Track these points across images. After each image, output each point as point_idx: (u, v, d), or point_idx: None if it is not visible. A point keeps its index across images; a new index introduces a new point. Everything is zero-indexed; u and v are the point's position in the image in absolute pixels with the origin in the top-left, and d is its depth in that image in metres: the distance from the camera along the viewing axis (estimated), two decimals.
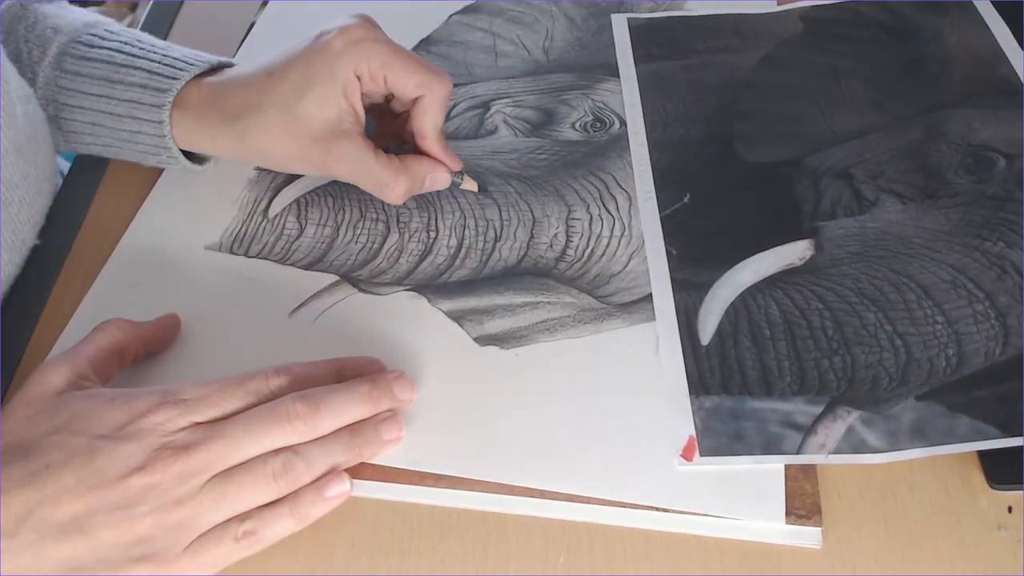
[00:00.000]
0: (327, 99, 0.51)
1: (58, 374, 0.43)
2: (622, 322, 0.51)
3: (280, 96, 0.52)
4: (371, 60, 0.51)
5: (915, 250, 0.51)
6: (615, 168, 0.59)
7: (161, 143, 0.55)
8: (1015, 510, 0.43)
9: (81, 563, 0.39)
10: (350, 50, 0.51)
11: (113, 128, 0.55)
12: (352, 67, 0.51)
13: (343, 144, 0.52)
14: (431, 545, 0.43)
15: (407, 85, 0.53)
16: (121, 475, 0.39)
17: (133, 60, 0.55)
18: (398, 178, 0.53)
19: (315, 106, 0.51)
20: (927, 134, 0.58)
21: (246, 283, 0.54)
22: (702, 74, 0.65)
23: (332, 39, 0.51)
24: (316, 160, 0.53)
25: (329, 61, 0.51)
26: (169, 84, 0.54)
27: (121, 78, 0.54)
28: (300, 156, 0.53)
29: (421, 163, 0.54)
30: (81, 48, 0.55)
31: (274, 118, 0.52)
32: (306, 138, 0.52)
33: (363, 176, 0.53)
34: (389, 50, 0.52)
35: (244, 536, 0.41)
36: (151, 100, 0.54)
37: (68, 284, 0.56)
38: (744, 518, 0.43)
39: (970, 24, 0.65)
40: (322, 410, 0.43)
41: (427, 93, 0.53)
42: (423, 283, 0.54)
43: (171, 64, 0.55)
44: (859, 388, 0.46)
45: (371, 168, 0.53)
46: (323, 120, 0.51)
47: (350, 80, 0.51)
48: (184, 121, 0.54)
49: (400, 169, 0.53)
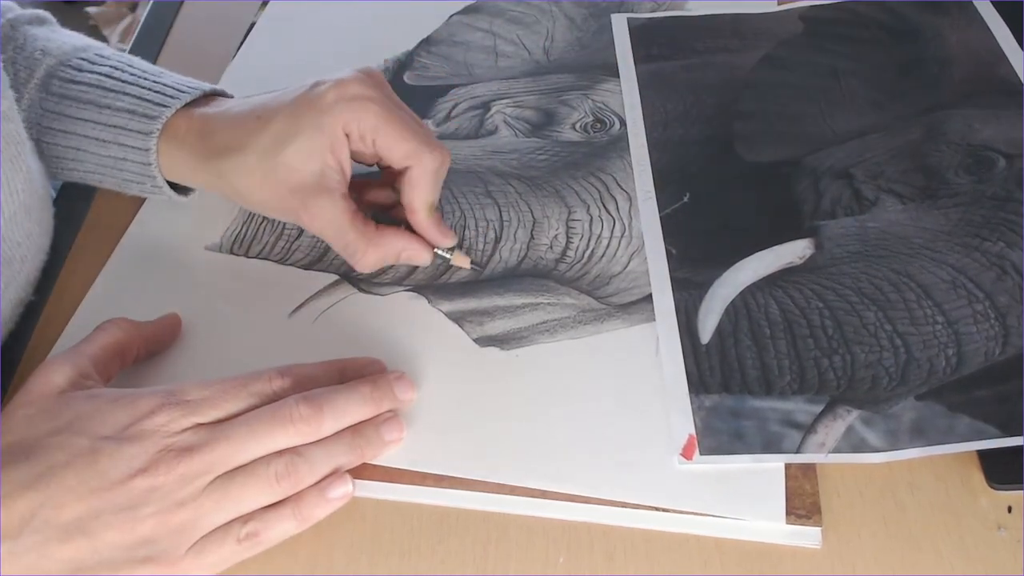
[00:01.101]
0: (311, 152, 0.49)
1: (60, 373, 0.43)
2: (622, 323, 0.51)
3: (263, 142, 0.49)
4: (361, 121, 0.49)
5: (915, 250, 0.52)
6: (615, 169, 0.59)
7: (146, 171, 0.53)
8: (1015, 510, 0.43)
9: (84, 564, 0.39)
10: (341, 106, 0.48)
11: (97, 154, 0.54)
12: (341, 124, 0.49)
13: (321, 201, 0.50)
14: (431, 545, 0.43)
15: (394, 154, 0.50)
16: (124, 477, 0.39)
17: (123, 85, 0.53)
18: (368, 248, 0.51)
19: (297, 157, 0.49)
20: (927, 134, 0.58)
21: (246, 283, 0.54)
22: (702, 74, 0.65)
23: (325, 91, 0.49)
24: (291, 211, 0.51)
25: (317, 114, 0.49)
26: (158, 111, 0.52)
27: (109, 103, 0.53)
28: (276, 204, 0.51)
29: (398, 237, 0.52)
30: (70, 71, 0.54)
31: (255, 163, 0.50)
32: (284, 188, 0.50)
33: (334, 238, 0.51)
34: (382, 113, 0.49)
35: (247, 537, 0.41)
36: (139, 127, 0.52)
37: (68, 284, 0.56)
38: (744, 518, 0.43)
39: (970, 24, 0.66)
40: (325, 412, 0.43)
41: (415, 165, 0.50)
42: (423, 283, 0.54)
43: (161, 91, 0.53)
44: (859, 387, 0.46)
45: (344, 231, 0.50)
46: (305, 173, 0.49)
47: (337, 136, 0.49)
48: (170, 151, 0.53)
49: (373, 239, 0.51)
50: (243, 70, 0.69)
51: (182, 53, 0.72)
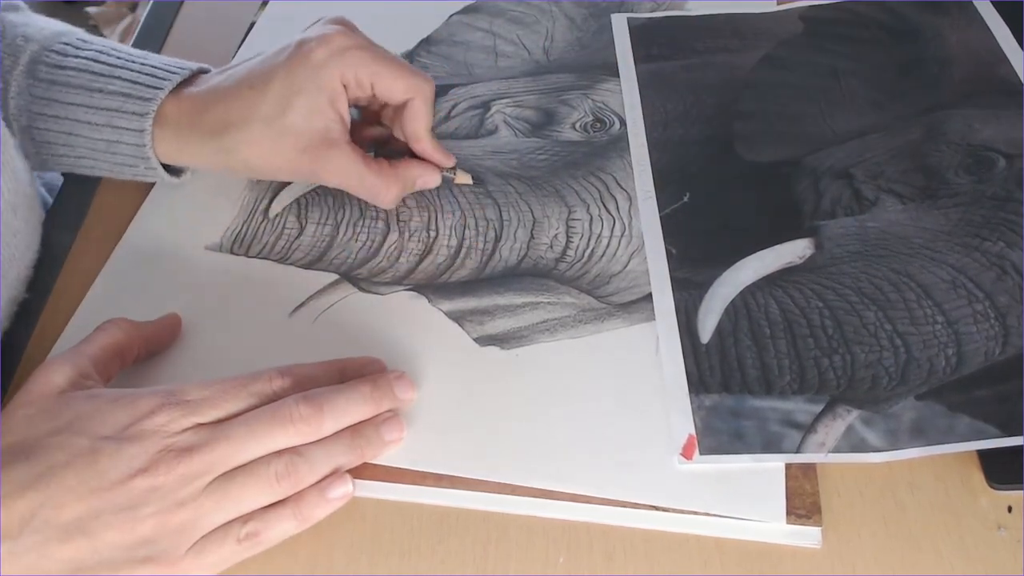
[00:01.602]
0: (313, 110, 0.51)
1: (60, 373, 0.43)
2: (622, 322, 0.51)
3: (264, 110, 0.51)
4: (358, 69, 0.51)
5: (915, 250, 0.52)
6: (615, 168, 0.59)
7: (140, 153, 0.54)
8: (1015, 510, 0.43)
9: (84, 564, 0.39)
10: (335, 59, 0.50)
11: (89, 138, 0.54)
12: (338, 76, 0.51)
13: (332, 154, 0.52)
14: (431, 545, 0.43)
15: (395, 90, 0.53)
16: (124, 477, 0.39)
17: (112, 69, 0.54)
18: (389, 184, 0.54)
19: (301, 118, 0.51)
20: (927, 134, 0.58)
21: (246, 283, 0.54)
22: (702, 74, 0.65)
23: (315, 49, 0.50)
24: (306, 170, 0.53)
25: (313, 72, 0.50)
26: (152, 93, 0.53)
27: (101, 86, 0.53)
28: (289, 168, 0.53)
29: (410, 166, 0.55)
30: (54, 56, 0.54)
31: (260, 132, 0.51)
32: (294, 150, 0.52)
33: (355, 183, 0.53)
34: (374, 57, 0.52)
35: (247, 537, 0.41)
36: (134, 108, 0.53)
37: (68, 284, 0.56)
38: (744, 517, 0.43)
39: (970, 24, 0.66)
40: (325, 411, 0.43)
41: (416, 95, 0.53)
42: (423, 283, 0.54)
43: (151, 73, 0.54)
44: (859, 387, 0.46)
45: (363, 176, 0.53)
46: (311, 131, 0.51)
47: (336, 89, 0.51)
48: (164, 135, 0.53)
49: (390, 174, 0.54)
50: None
51: (182, 53, 0.71)
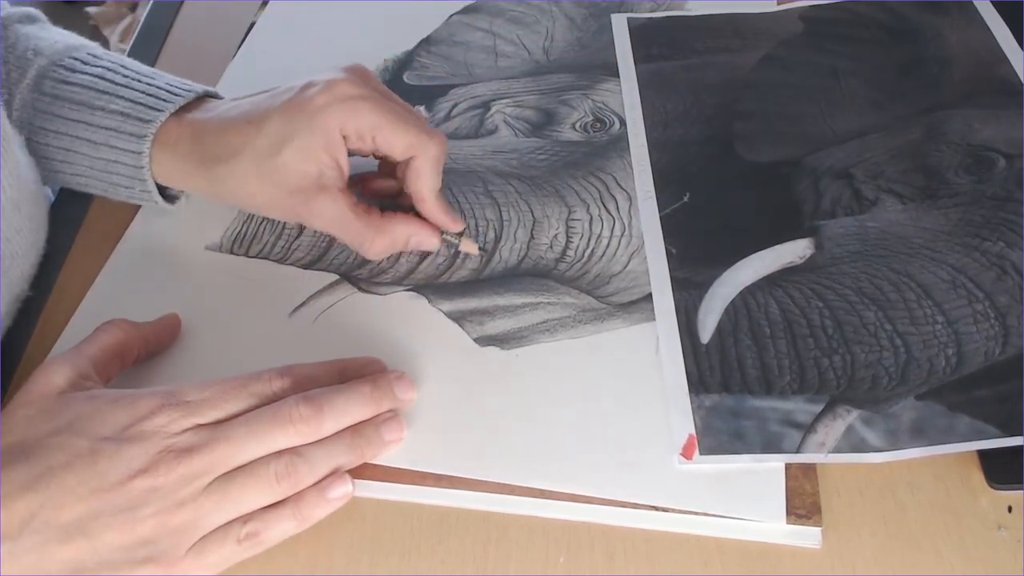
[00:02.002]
0: (307, 153, 0.49)
1: (60, 373, 0.43)
2: (622, 322, 0.51)
3: (258, 147, 0.50)
4: (359, 120, 0.49)
5: (915, 250, 0.52)
6: (615, 168, 0.59)
7: (137, 175, 0.53)
8: (1015, 510, 0.43)
9: (84, 565, 0.39)
10: (335, 107, 0.49)
11: (88, 156, 0.53)
12: (337, 125, 0.49)
13: (321, 199, 0.50)
14: (431, 545, 0.43)
15: (396, 147, 0.51)
16: (124, 478, 0.39)
17: (116, 88, 0.53)
18: (376, 236, 0.51)
19: (294, 160, 0.49)
20: (927, 134, 0.58)
21: (246, 283, 0.54)
22: (702, 74, 0.65)
23: (316, 95, 0.49)
24: (293, 212, 0.51)
25: (311, 117, 0.49)
26: (153, 115, 0.52)
27: (103, 105, 0.53)
28: (277, 207, 0.52)
29: (406, 223, 0.52)
30: (62, 72, 0.54)
31: (251, 168, 0.50)
32: (283, 190, 0.50)
33: (341, 231, 0.52)
34: (377, 110, 0.50)
35: (247, 537, 0.41)
36: (132, 129, 0.52)
37: (68, 284, 0.56)
38: (744, 517, 0.43)
39: (970, 24, 0.66)
40: (325, 412, 0.43)
41: (419, 154, 0.51)
42: (423, 283, 0.54)
43: (155, 95, 0.53)
44: (859, 387, 0.46)
45: (349, 224, 0.51)
46: (302, 174, 0.50)
47: (333, 137, 0.49)
48: (162, 158, 0.53)
49: (379, 227, 0.51)
50: (243, 70, 0.69)
51: (182, 53, 0.72)
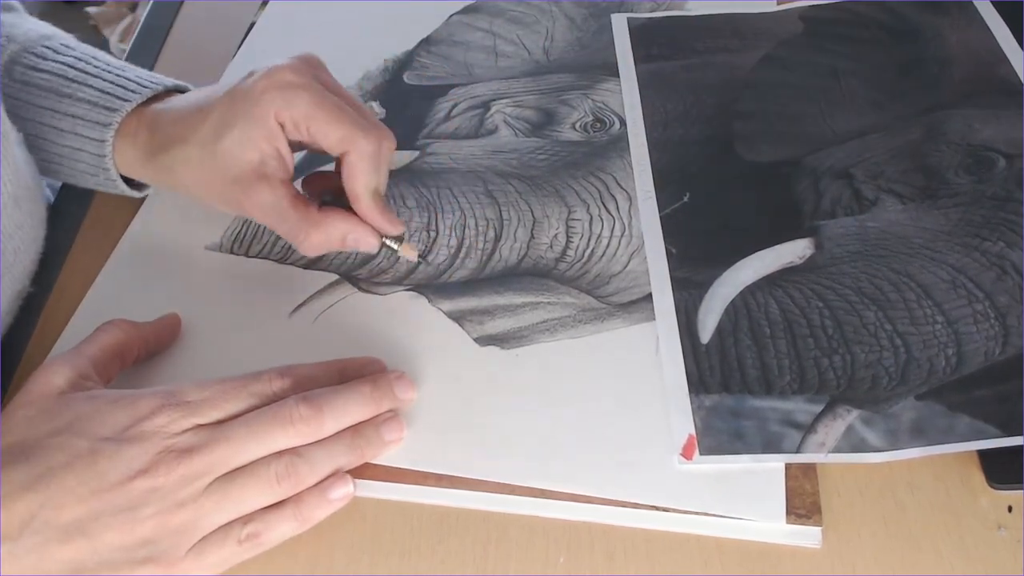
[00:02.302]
0: (246, 141, 0.48)
1: (60, 374, 0.43)
2: (622, 322, 0.51)
3: (202, 134, 0.49)
4: (292, 109, 0.48)
5: (915, 250, 0.52)
6: (615, 168, 0.59)
7: (100, 163, 0.53)
8: (1015, 510, 0.43)
9: (84, 565, 0.39)
10: (271, 95, 0.48)
11: (54, 143, 0.54)
12: (273, 112, 0.48)
13: (260, 188, 0.49)
14: (431, 545, 0.43)
15: (329, 140, 0.49)
16: (124, 478, 0.39)
17: (85, 76, 0.54)
18: (310, 231, 0.50)
19: (234, 147, 0.48)
20: (927, 134, 0.58)
21: (246, 283, 0.55)
22: (702, 74, 0.65)
23: (256, 81, 0.49)
24: (233, 200, 0.50)
25: (249, 104, 0.48)
26: (119, 105, 0.52)
27: (70, 93, 0.53)
28: (219, 194, 0.51)
29: (342, 220, 0.50)
30: (32, 59, 0.54)
31: (195, 155, 0.50)
32: (225, 177, 0.49)
33: (276, 223, 0.50)
34: (311, 100, 0.48)
35: (247, 538, 0.41)
36: (97, 118, 0.52)
37: (68, 284, 0.56)
38: (744, 517, 0.43)
39: (970, 24, 0.66)
40: (325, 412, 0.43)
41: (351, 150, 0.49)
42: (423, 283, 0.54)
43: (123, 85, 0.53)
44: (859, 387, 0.46)
45: (285, 216, 0.49)
46: (243, 162, 0.49)
47: (271, 126, 0.48)
48: (124, 148, 0.53)
49: (315, 223, 0.50)
50: (243, 70, 0.69)
51: (182, 53, 0.72)
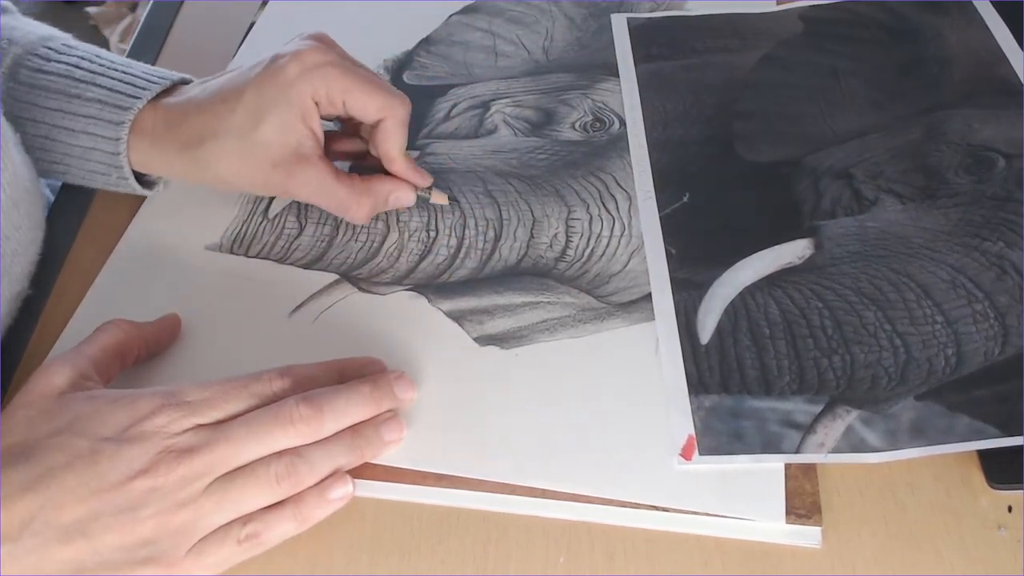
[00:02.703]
0: (284, 125, 0.50)
1: (60, 374, 0.43)
2: (622, 322, 0.51)
3: (236, 124, 0.51)
4: (329, 86, 0.51)
5: (915, 250, 0.52)
6: (615, 168, 0.59)
7: (114, 161, 0.54)
8: (1015, 510, 0.43)
9: (84, 566, 0.39)
10: (306, 76, 0.50)
11: (66, 143, 0.54)
12: (310, 93, 0.50)
13: (304, 168, 0.52)
14: (431, 545, 0.44)
15: (368, 109, 0.52)
16: (124, 478, 0.39)
17: (92, 76, 0.54)
18: (360, 199, 0.53)
19: (273, 133, 0.50)
20: (927, 134, 0.58)
21: (246, 283, 0.54)
22: (702, 74, 0.65)
23: (286, 64, 0.50)
24: (278, 185, 0.52)
25: (284, 87, 0.50)
26: (130, 103, 0.53)
27: (80, 92, 0.53)
28: (261, 181, 0.53)
29: (384, 183, 0.54)
30: (37, 60, 0.54)
31: (232, 146, 0.51)
32: (266, 164, 0.51)
33: (326, 198, 0.53)
34: (347, 74, 0.51)
35: (247, 538, 0.41)
36: (110, 116, 0.53)
37: (68, 284, 0.56)
38: (744, 517, 0.43)
39: (970, 24, 0.66)
40: (325, 412, 0.43)
41: (388, 116, 0.52)
42: (423, 283, 0.54)
43: (131, 82, 0.54)
44: (858, 387, 0.46)
45: (334, 191, 0.53)
46: (282, 146, 0.51)
47: (307, 106, 0.51)
48: (140, 145, 0.53)
49: (363, 190, 0.53)
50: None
51: (182, 53, 0.72)
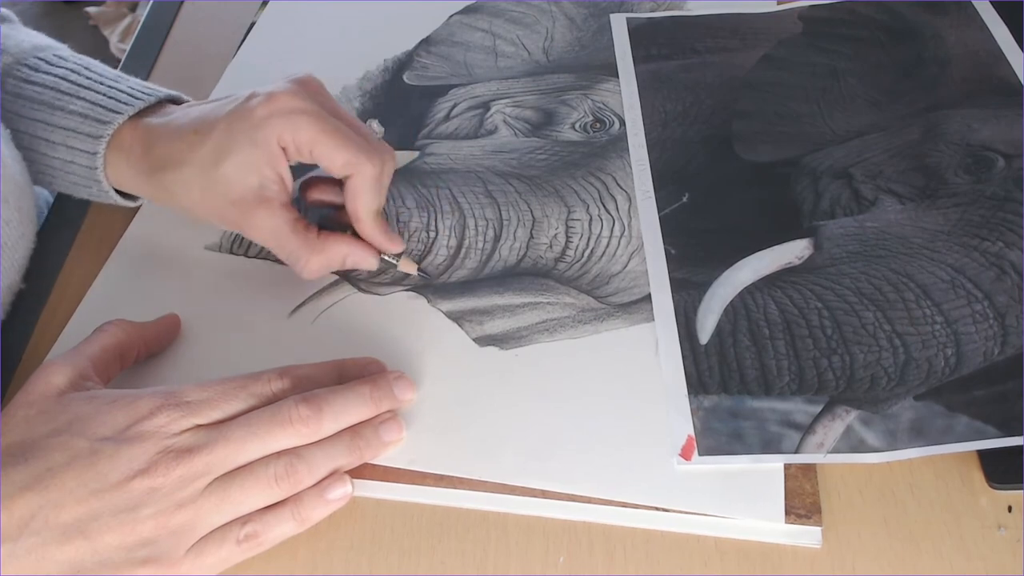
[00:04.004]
0: (247, 165, 0.49)
1: (60, 374, 0.43)
2: (622, 322, 0.51)
3: (200, 157, 0.49)
4: (296, 134, 0.49)
5: (914, 250, 0.52)
6: (615, 168, 0.59)
7: (92, 175, 0.53)
8: (1015, 510, 0.43)
9: (84, 566, 0.39)
10: (274, 120, 0.48)
11: (46, 155, 0.54)
12: (275, 137, 0.49)
13: (260, 212, 0.50)
14: (431, 545, 0.44)
15: (334, 164, 0.50)
16: (123, 478, 0.40)
17: (77, 89, 0.53)
18: (311, 256, 0.51)
19: (234, 171, 0.49)
20: (926, 134, 0.58)
21: (246, 283, 0.55)
22: (701, 74, 0.65)
23: (257, 106, 0.49)
24: (233, 222, 0.51)
25: (251, 129, 0.49)
26: (111, 117, 0.52)
27: (63, 105, 0.53)
28: (218, 216, 0.51)
29: (341, 243, 0.52)
30: (25, 71, 0.54)
31: (193, 178, 0.50)
32: (224, 201, 0.50)
33: (276, 247, 0.51)
34: (316, 124, 0.49)
35: (246, 538, 0.41)
36: (89, 130, 0.52)
37: (68, 284, 0.56)
38: (744, 518, 0.43)
39: (969, 24, 0.66)
40: (325, 413, 0.43)
41: (355, 174, 0.50)
42: (423, 283, 0.54)
43: (115, 97, 0.53)
44: (858, 387, 0.47)
45: (286, 241, 0.50)
46: (242, 185, 0.49)
47: (273, 150, 0.49)
48: (116, 162, 0.53)
49: (315, 248, 0.51)
50: (243, 70, 0.69)
51: (182, 53, 0.72)
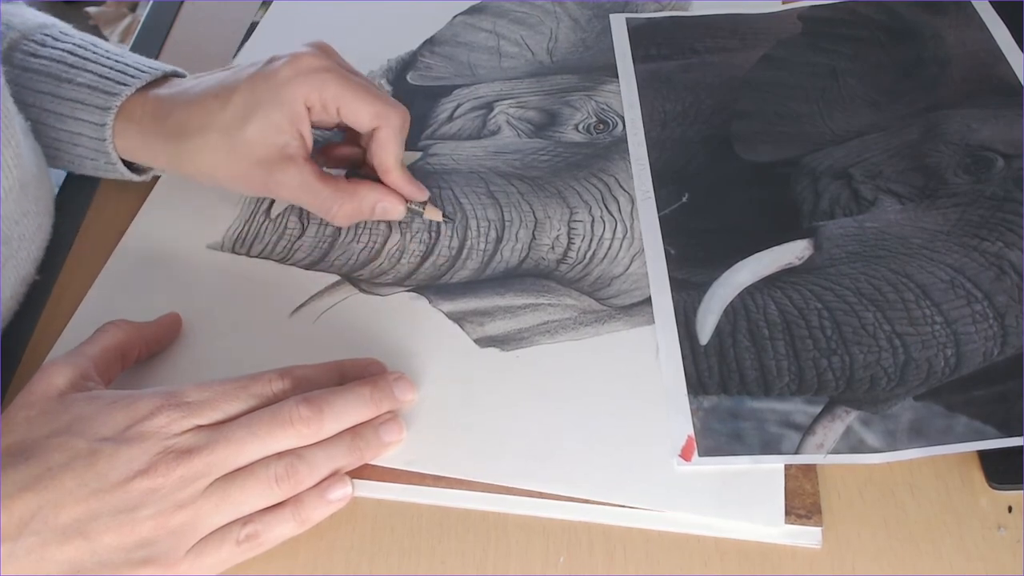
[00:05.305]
0: (272, 125, 0.50)
1: (61, 374, 0.43)
2: (623, 324, 0.51)
3: (224, 120, 0.51)
4: (323, 91, 0.50)
5: (914, 250, 0.52)
6: (617, 170, 0.59)
7: (100, 147, 0.54)
8: (1015, 510, 0.43)
9: (83, 566, 0.39)
10: (300, 79, 0.50)
11: (54, 127, 0.54)
12: (302, 96, 0.50)
13: (286, 168, 0.51)
14: (431, 545, 0.44)
15: (362, 118, 0.52)
16: (123, 479, 0.40)
17: (84, 62, 0.54)
18: (343, 201, 0.52)
19: (259, 132, 0.50)
20: (926, 134, 0.58)
21: (247, 283, 0.55)
22: (701, 74, 0.65)
23: (280, 67, 0.50)
24: (258, 181, 0.52)
25: (275, 89, 0.50)
26: (118, 89, 0.53)
27: (71, 77, 0.54)
28: (242, 178, 0.52)
29: (372, 189, 0.53)
30: (32, 45, 0.55)
31: (217, 141, 0.51)
32: (249, 161, 0.51)
33: (308, 199, 0.53)
34: (341, 81, 0.51)
35: (246, 539, 0.41)
36: (97, 102, 0.53)
37: (68, 284, 0.56)
38: (744, 518, 0.43)
39: (968, 24, 0.66)
40: (325, 413, 0.43)
41: (383, 125, 0.52)
42: (424, 284, 0.54)
43: (122, 70, 0.54)
44: (857, 388, 0.47)
45: (316, 189, 0.52)
46: (267, 145, 0.51)
47: (298, 110, 0.50)
48: (127, 132, 0.54)
49: (347, 192, 0.53)
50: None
51: (182, 53, 0.72)
